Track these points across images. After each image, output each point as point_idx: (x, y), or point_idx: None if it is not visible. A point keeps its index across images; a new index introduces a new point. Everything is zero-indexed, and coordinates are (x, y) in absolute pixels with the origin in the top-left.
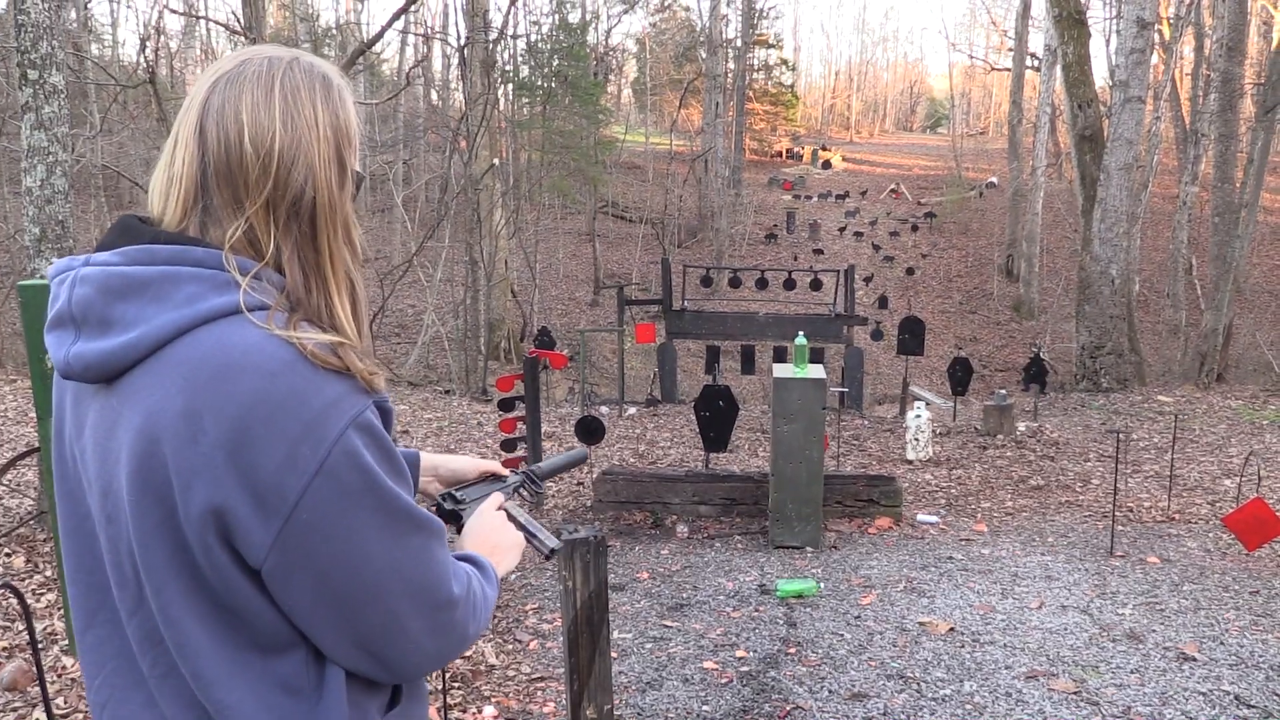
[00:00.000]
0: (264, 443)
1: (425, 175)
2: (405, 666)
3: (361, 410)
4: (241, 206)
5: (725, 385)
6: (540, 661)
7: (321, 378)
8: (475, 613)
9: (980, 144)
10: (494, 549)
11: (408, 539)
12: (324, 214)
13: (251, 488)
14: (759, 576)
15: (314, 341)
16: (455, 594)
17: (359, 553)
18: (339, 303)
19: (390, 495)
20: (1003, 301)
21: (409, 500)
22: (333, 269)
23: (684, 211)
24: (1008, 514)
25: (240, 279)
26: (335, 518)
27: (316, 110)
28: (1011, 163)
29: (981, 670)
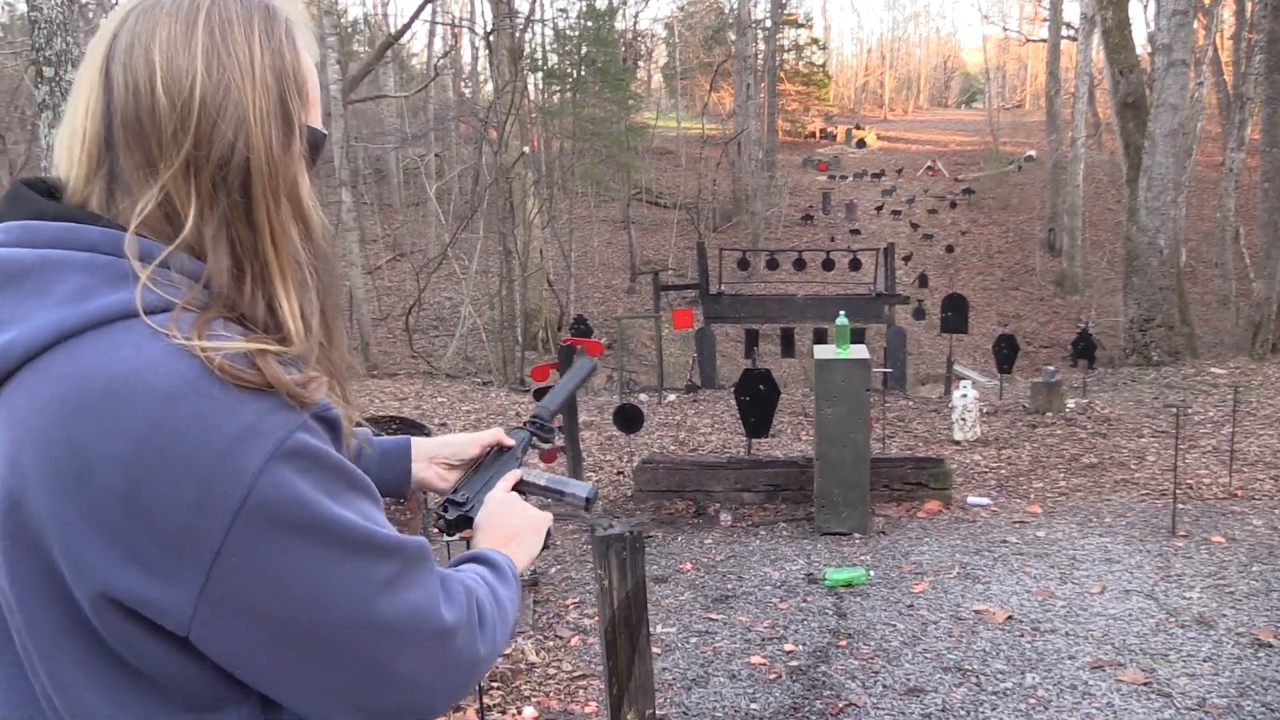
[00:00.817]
0: (166, 484)
1: (458, 167)
2: (413, 711)
3: (288, 433)
4: (155, 170)
5: (765, 369)
6: (582, 659)
7: (234, 398)
8: (485, 629)
9: (1017, 117)
10: (509, 538)
11: (372, 571)
12: (261, 180)
13: (158, 541)
14: (806, 565)
15: (223, 352)
16: (449, 621)
17: (312, 598)
18: (283, 294)
19: (342, 526)
20: (1045, 277)
21: (369, 525)
22: (275, 251)
23: (718, 195)
24: (1061, 494)
25: (139, 269)
26: (273, 562)
27: (253, 49)
28: (1050, 135)
29: (1044, 661)
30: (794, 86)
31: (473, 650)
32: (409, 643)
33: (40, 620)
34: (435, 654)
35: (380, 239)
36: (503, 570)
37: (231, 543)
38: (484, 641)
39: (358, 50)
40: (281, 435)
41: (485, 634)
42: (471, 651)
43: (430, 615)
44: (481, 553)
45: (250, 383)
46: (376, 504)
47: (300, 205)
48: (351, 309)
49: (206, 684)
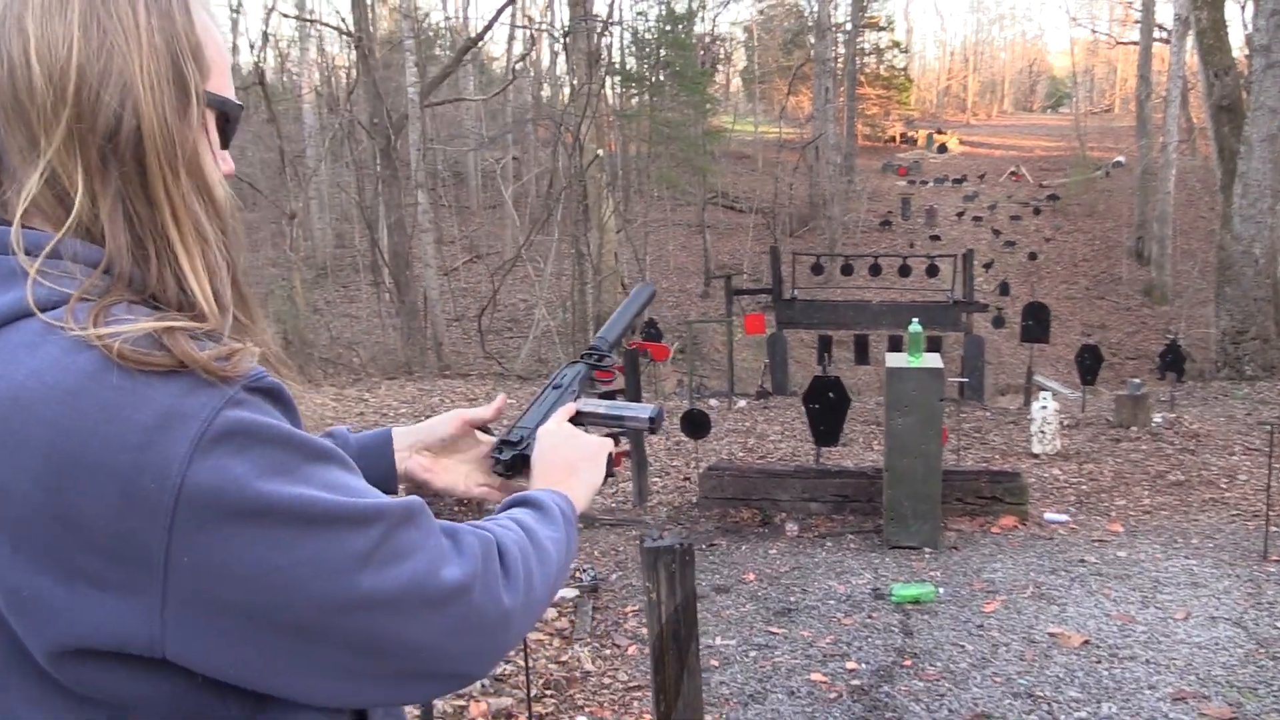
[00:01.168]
0: (87, 490)
1: (534, 170)
2: (441, 678)
3: (214, 412)
4: (37, 148)
5: (835, 376)
6: (639, 669)
7: (142, 384)
8: (512, 578)
9: (1105, 122)
10: (566, 472)
11: (347, 545)
12: (155, 151)
13: (100, 553)
14: (873, 579)
15: (122, 337)
16: (454, 579)
17: (285, 585)
18: (190, 270)
19: (299, 503)
20: (1133, 286)
21: (332, 497)
22: (176, 224)
23: (795, 200)
24: (1145, 513)
25: (26, 263)
26: (230, 554)
27: (136, 11)
28: (1140, 140)
29: (1121, 690)
30: (874, 90)
31: (496, 604)
32: (408, 611)
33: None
34: (445, 617)
35: (457, 240)
36: (547, 509)
37: (177, 541)
38: (511, 591)
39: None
40: (206, 415)
41: (513, 583)
42: (494, 606)
43: (428, 578)
44: (526, 494)
45: (159, 365)
46: (347, 469)
47: (203, 177)
48: (426, 309)
49: (184, 700)
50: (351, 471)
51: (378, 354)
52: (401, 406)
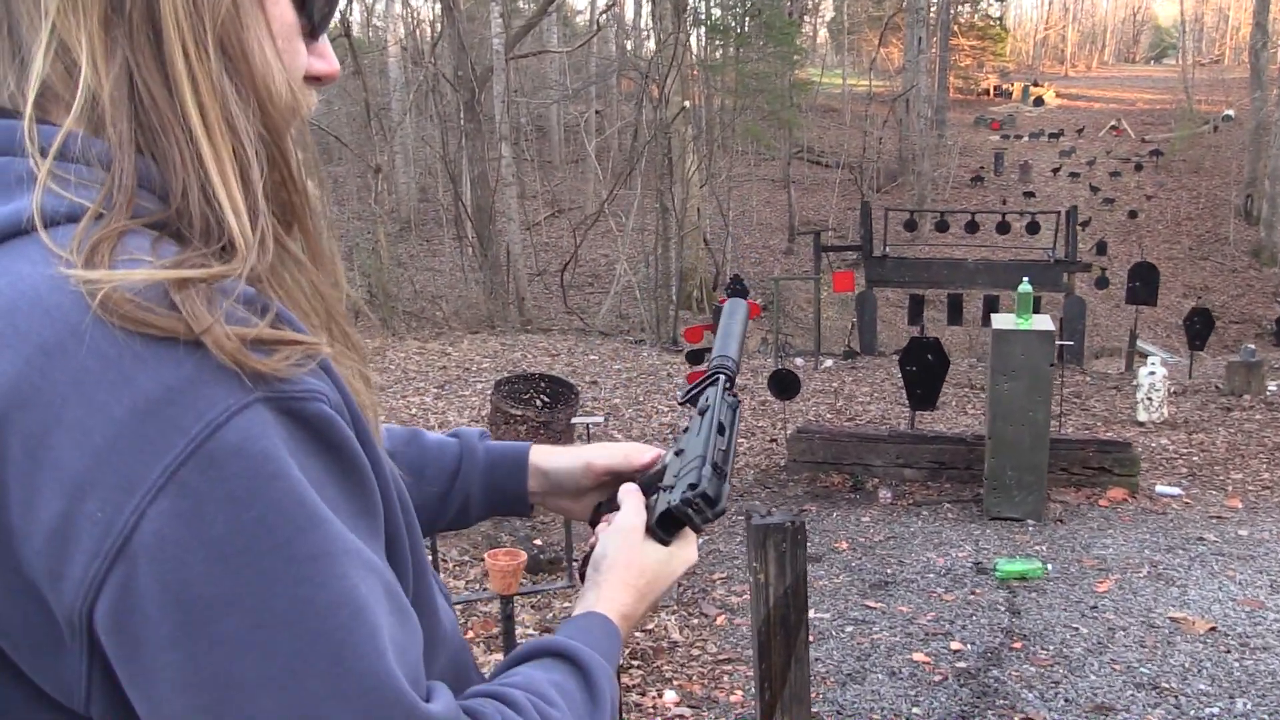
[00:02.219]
0: (25, 483)
1: (618, 123)
2: None
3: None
4: (40, 6)
5: (934, 337)
6: (728, 640)
7: (133, 357)
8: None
9: (1214, 73)
10: (639, 596)
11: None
12: (171, 8)
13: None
14: (973, 552)
15: (127, 284)
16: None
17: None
18: (218, 178)
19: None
20: (1240, 247)
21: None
22: (201, 114)
23: (883, 155)
24: (1265, 488)
25: (38, 164)
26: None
27: None
28: (1254, 92)
29: (1255, 684)
30: (968, 41)
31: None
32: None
33: None
34: None
35: (539, 195)
36: (596, 684)
37: (107, 600)
38: None
39: (522, 6)
40: (198, 432)
41: None
42: None
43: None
44: (570, 646)
45: (164, 332)
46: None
47: (245, 58)
48: (508, 263)
49: None
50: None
51: (460, 308)
52: (484, 360)
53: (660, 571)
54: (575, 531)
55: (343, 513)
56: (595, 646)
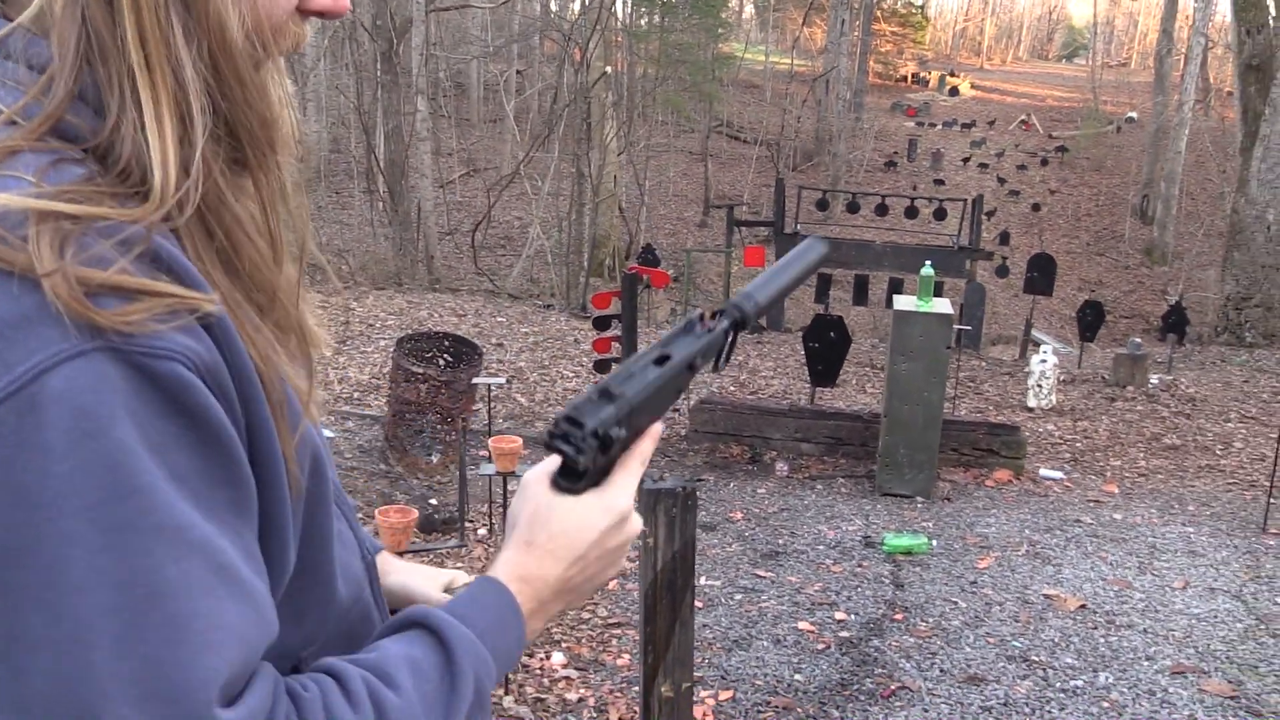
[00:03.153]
0: None
1: (538, 85)
2: None
3: (34, 370)
4: None
5: (838, 315)
6: (619, 605)
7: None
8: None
9: (1121, 76)
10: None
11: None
12: None
13: None
14: (863, 526)
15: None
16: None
17: None
18: (152, 120)
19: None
20: (1134, 245)
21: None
22: (141, 48)
23: (801, 134)
24: (1141, 475)
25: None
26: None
27: None
28: (1157, 97)
29: (1119, 659)
30: (889, 27)
31: None
32: None
33: None
34: None
35: (455, 153)
36: (455, 656)
37: None
38: None
39: None
40: (21, 373)
41: None
42: None
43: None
44: (428, 616)
45: (5, 264)
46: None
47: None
48: (419, 220)
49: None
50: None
51: (368, 263)
52: (389, 318)
53: (572, 523)
54: (472, 492)
55: (193, 481)
56: (470, 619)
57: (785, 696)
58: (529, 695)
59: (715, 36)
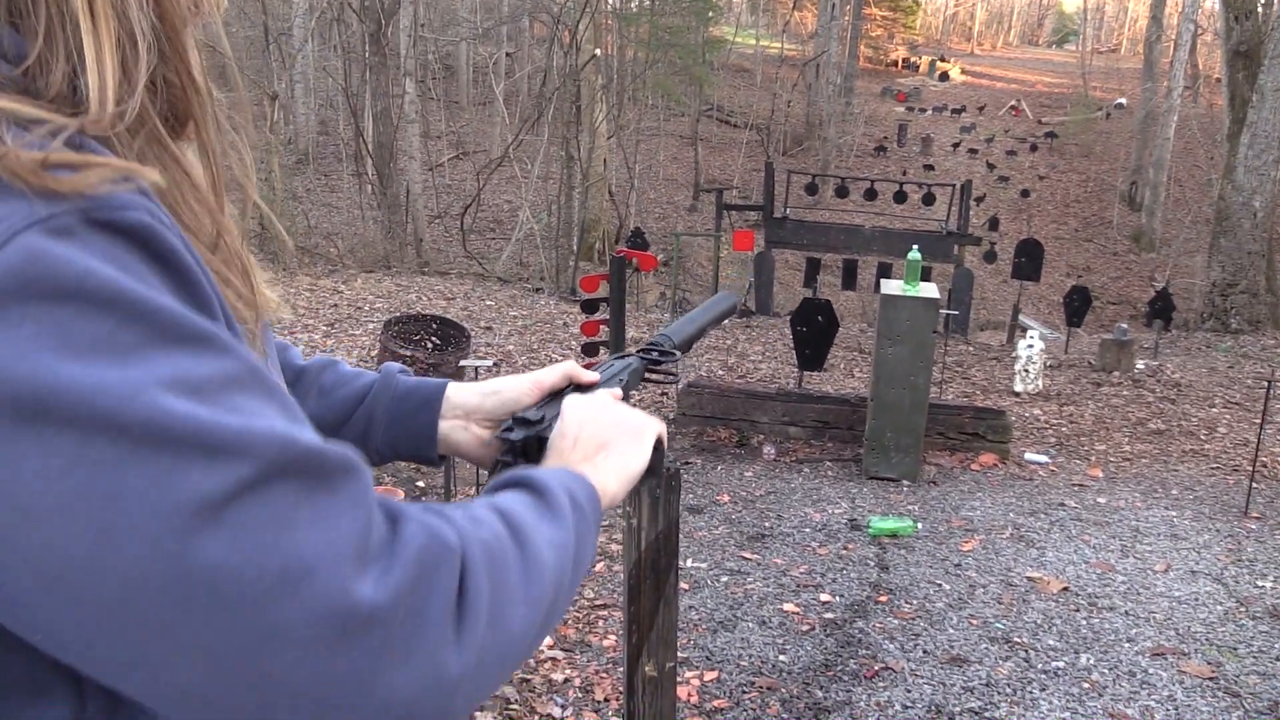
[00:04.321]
0: None
1: (528, 67)
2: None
3: (16, 229)
4: None
5: (825, 299)
6: (605, 586)
7: None
8: (474, 623)
9: (1111, 62)
10: (595, 448)
11: (185, 482)
12: None
13: None
14: (849, 509)
15: None
16: (364, 601)
17: (73, 532)
18: (91, 46)
19: (105, 400)
20: (1121, 231)
21: (182, 404)
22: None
23: (791, 119)
24: (1125, 459)
25: None
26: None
27: None
28: (1145, 83)
29: (1100, 641)
30: (880, 11)
31: (425, 666)
32: (260, 624)
33: None
34: (329, 663)
35: (444, 136)
36: (551, 496)
37: None
38: (463, 645)
39: None
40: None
41: (468, 629)
42: (421, 670)
43: (319, 579)
44: (525, 473)
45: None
46: (227, 356)
47: None
48: (408, 203)
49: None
50: (231, 359)
51: (356, 246)
52: (378, 300)
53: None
54: (459, 474)
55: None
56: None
57: (770, 677)
58: (515, 676)
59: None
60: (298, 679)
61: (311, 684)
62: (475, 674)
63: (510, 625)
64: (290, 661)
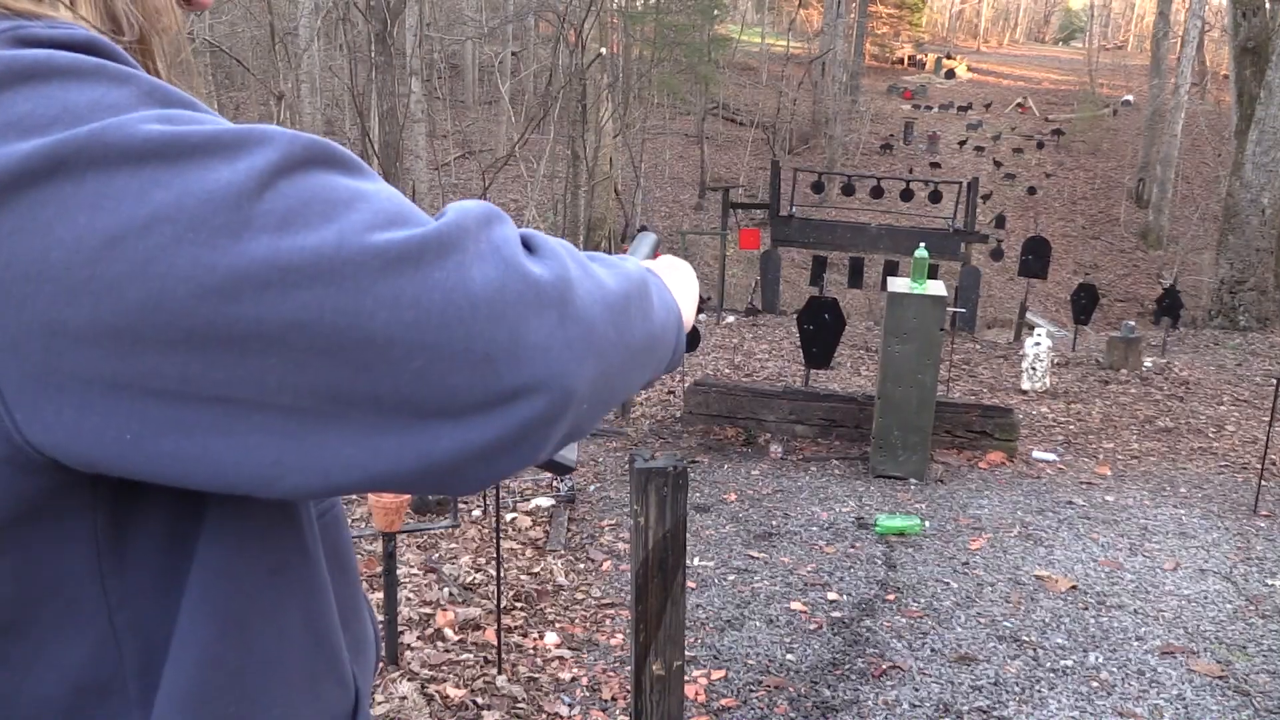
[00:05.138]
0: None
1: (533, 66)
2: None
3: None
4: None
5: (832, 297)
6: (613, 585)
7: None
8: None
9: (1117, 59)
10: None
11: (207, 181)
12: None
13: None
14: (856, 508)
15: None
16: (540, 273)
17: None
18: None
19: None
20: (1129, 228)
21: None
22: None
23: (797, 117)
24: (1133, 457)
25: None
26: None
27: None
28: (1153, 80)
29: (1108, 639)
30: (886, 9)
31: (498, 261)
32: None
33: None
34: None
35: (450, 135)
36: (652, 283)
37: None
38: (540, 262)
39: None
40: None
41: (542, 259)
42: (494, 263)
43: (378, 239)
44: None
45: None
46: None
47: None
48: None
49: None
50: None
51: None
52: None
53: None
54: None
55: None
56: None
57: (777, 676)
58: (522, 675)
59: (711, 18)
60: (405, 323)
61: (420, 324)
62: (559, 289)
63: (588, 308)
64: (386, 315)
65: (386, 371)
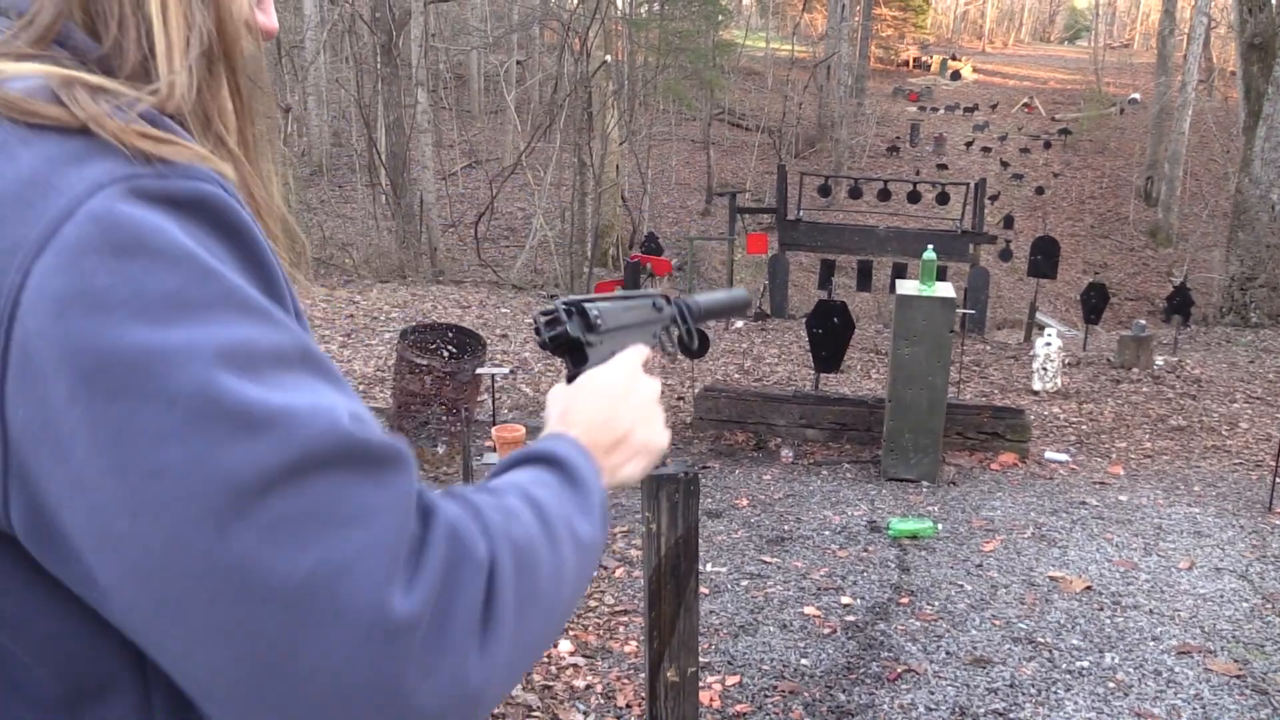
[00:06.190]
0: None
1: (539, 74)
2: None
3: (91, 190)
4: None
5: (841, 301)
6: (626, 592)
7: (18, 140)
8: (499, 636)
9: (1123, 57)
10: (618, 440)
11: (224, 456)
12: None
13: None
14: (869, 511)
15: (13, 75)
16: (398, 613)
17: (124, 501)
18: (159, 24)
19: (163, 362)
20: (1138, 227)
21: (230, 377)
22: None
23: (803, 121)
24: (1146, 456)
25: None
26: (64, 422)
27: None
28: (1159, 78)
29: (1124, 640)
30: (890, 11)
31: (446, 672)
32: (301, 619)
33: None
34: (352, 663)
35: (456, 145)
36: (581, 483)
37: (13, 369)
38: (487, 658)
39: None
40: (80, 192)
41: (492, 642)
42: (442, 676)
43: (349, 580)
44: (547, 448)
45: (50, 119)
46: (283, 331)
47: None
48: (422, 213)
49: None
50: (313, 363)
51: (371, 256)
52: (393, 310)
53: (593, 383)
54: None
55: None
56: (542, 446)
57: (792, 680)
58: (536, 683)
59: (715, 23)
60: (323, 681)
61: (336, 688)
62: (497, 682)
63: (533, 633)
64: (316, 662)
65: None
